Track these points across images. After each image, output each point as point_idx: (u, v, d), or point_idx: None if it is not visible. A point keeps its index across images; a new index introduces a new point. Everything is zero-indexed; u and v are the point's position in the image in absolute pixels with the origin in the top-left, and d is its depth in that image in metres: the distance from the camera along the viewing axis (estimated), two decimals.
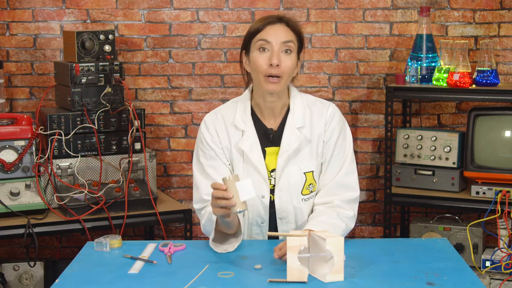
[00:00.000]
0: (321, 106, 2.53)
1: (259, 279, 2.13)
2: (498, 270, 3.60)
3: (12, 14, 3.90)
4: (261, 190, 2.47)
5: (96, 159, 3.45)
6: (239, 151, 2.48)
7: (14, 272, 3.52)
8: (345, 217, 2.46)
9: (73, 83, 3.42)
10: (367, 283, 2.11)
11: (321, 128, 2.49)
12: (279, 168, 2.46)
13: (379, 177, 4.14)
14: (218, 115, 2.52)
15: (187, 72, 4.02)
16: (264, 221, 2.49)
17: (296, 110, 2.49)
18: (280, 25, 2.42)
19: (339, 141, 2.50)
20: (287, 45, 2.40)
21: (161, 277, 2.18)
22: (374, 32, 4.03)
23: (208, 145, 2.49)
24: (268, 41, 2.39)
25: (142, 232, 4.08)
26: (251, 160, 2.46)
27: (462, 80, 3.62)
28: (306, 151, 2.48)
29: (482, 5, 4.00)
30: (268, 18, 2.44)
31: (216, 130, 2.50)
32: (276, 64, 2.37)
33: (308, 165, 2.49)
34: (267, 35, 2.40)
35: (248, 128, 2.48)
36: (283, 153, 2.46)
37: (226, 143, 2.49)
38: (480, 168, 3.65)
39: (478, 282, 2.11)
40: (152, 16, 3.97)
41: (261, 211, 2.48)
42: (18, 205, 3.25)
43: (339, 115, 2.53)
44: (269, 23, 2.42)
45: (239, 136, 2.48)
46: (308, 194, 2.50)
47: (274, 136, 2.49)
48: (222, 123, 2.50)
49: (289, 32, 2.43)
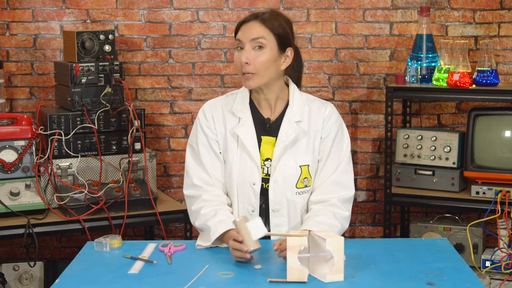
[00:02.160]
0: (319, 104, 2.57)
1: (259, 279, 2.14)
2: (498, 270, 3.60)
3: (12, 14, 3.90)
4: (253, 177, 2.49)
5: (96, 159, 3.45)
6: (234, 136, 2.51)
7: (14, 272, 3.52)
8: (341, 217, 2.48)
9: (73, 83, 3.42)
10: (367, 283, 2.11)
11: (319, 125, 2.53)
12: (275, 158, 2.49)
13: (379, 177, 4.14)
14: (217, 103, 2.59)
15: (187, 72, 4.02)
16: (255, 209, 2.50)
17: (295, 105, 2.53)
18: (253, 23, 2.46)
19: (336, 139, 2.53)
20: (257, 42, 2.44)
21: (161, 277, 2.18)
22: (374, 32, 4.03)
23: (203, 131, 2.54)
24: (240, 40, 2.46)
25: (142, 232, 4.08)
26: (245, 146, 2.49)
27: (462, 80, 3.62)
28: (303, 144, 2.51)
29: (482, 5, 4.00)
30: (246, 16, 2.51)
31: (213, 116, 2.55)
32: (244, 62, 2.43)
33: (304, 158, 2.50)
34: (240, 34, 2.47)
35: (245, 116, 2.52)
36: (280, 144, 2.48)
37: (221, 129, 2.53)
38: (480, 168, 3.65)
39: (478, 282, 2.11)
40: (152, 16, 3.97)
41: (251, 198, 2.50)
42: (18, 205, 3.25)
43: (337, 115, 2.57)
44: (243, 22, 2.48)
45: (236, 122, 2.53)
46: (302, 187, 2.51)
47: (271, 126, 2.52)
48: (220, 110, 2.56)
49: (261, 28, 2.45)
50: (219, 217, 2.42)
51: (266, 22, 2.45)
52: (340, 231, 2.48)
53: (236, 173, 2.50)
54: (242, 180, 2.50)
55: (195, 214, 2.49)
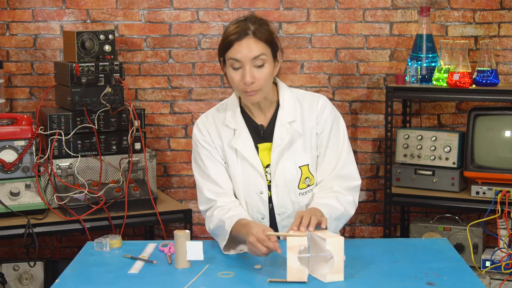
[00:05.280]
0: (311, 99, 2.52)
1: (259, 279, 2.14)
2: (498, 270, 3.60)
3: (12, 14, 3.90)
4: (259, 186, 2.47)
5: (96, 159, 3.45)
6: (232, 149, 2.49)
7: (14, 272, 3.52)
8: (344, 201, 2.43)
9: (73, 83, 3.42)
10: (367, 283, 2.11)
11: (313, 121, 2.49)
12: (273, 163, 2.47)
13: (379, 177, 4.14)
14: (209, 117, 2.54)
15: (187, 72, 4.02)
16: (265, 216, 2.50)
17: (286, 105, 2.49)
18: (247, 40, 2.35)
19: (332, 133, 2.49)
20: (258, 59, 2.36)
21: (161, 277, 2.18)
22: (374, 32, 4.03)
23: (202, 146, 2.51)
24: (238, 60, 2.36)
25: (142, 232, 4.08)
26: (245, 157, 2.47)
27: (462, 80, 3.62)
28: (299, 145, 2.48)
29: (482, 5, 4.00)
30: (236, 31, 2.36)
31: (208, 130, 2.51)
32: (250, 82, 2.35)
33: (302, 158, 2.48)
34: (236, 53, 2.35)
35: (239, 126, 2.49)
36: (276, 148, 2.46)
37: (218, 142, 2.51)
38: (480, 168, 3.65)
39: (478, 282, 2.11)
40: (152, 16, 3.97)
41: (260, 207, 2.49)
42: (18, 205, 3.25)
43: (330, 107, 2.51)
44: (236, 40, 2.35)
45: (231, 134, 2.50)
46: (305, 188, 2.50)
47: (265, 132, 2.49)
48: (212, 124, 2.52)
49: (258, 45, 2.36)
50: (233, 212, 2.39)
51: (260, 36, 2.36)
52: (344, 215, 2.43)
53: (240, 183, 2.48)
54: (248, 190, 2.48)
55: (210, 218, 2.46)
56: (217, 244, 2.45)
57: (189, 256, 2.22)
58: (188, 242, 2.22)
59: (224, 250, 2.39)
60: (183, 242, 2.22)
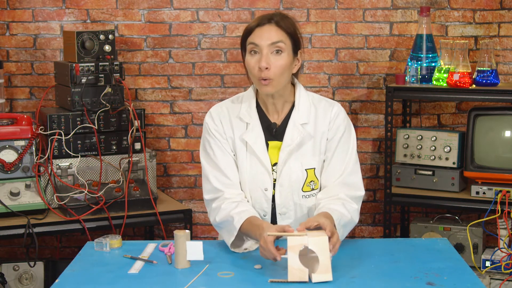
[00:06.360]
0: (326, 105, 2.53)
1: (259, 279, 2.14)
2: (498, 270, 3.60)
3: (12, 14, 3.90)
4: (265, 182, 2.47)
5: (96, 159, 3.45)
6: (243, 142, 2.49)
7: (14, 272, 3.52)
8: (351, 209, 2.44)
9: (73, 83, 3.42)
10: (367, 283, 2.11)
11: (325, 126, 2.50)
12: (280, 162, 2.47)
13: (379, 177, 4.14)
14: (223, 107, 2.55)
15: (187, 72, 4.02)
16: (267, 213, 2.50)
17: (301, 107, 2.50)
18: (269, 26, 2.41)
19: (343, 139, 2.50)
20: (276, 46, 2.39)
21: (161, 277, 2.18)
22: (374, 32, 4.03)
23: (213, 134, 2.51)
24: (257, 44, 2.39)
25: (142, 232, 4.08)
26: (255, 152, 2.47)
27: (462, 80, 3.62)
28: (309, 147, 2.48)
29: (482, 5, 4.00)
30: (259, 19, 2.43)
31: (221, 120, 2.51)
32: (265, 67, 2.37)
33: (310, 161, 2.49)
34: (256, 37, 2.40)
35: (253, 121, 2.49)
36: (285, 148, 2.46)
37: (229, 133, 2.51)
38: (480, 168, 3.65)
39: (478, 282, 2.11)
40: (152, 16, 3.97)
41: (263, 204, 2.49)
42: (18, 205, 3.25)
43: (344, 115, 2.53)
44: (258, 25, 2.41)
45: (244, 128, 2.50)
46: (309, 191, 2.50)
47: (277, 130, 2.50)
48: (226, 115, 2.52)
49: (278, 32, 2.40)
50: (242, 208, 2.39)
51: (282, 25, 2.41)
52: (350, 222, 2.43)
53: (247, 178, 2.48)
54: (254, 186, 2.48)
55: (216, 210, 2.44)
56: (217, 244, 2.45)
57: (189, 256, 2.22)
58: (188, 242, 2.22)
59: (231, 247, 2.38)
60: (183, 242, 2.22)
